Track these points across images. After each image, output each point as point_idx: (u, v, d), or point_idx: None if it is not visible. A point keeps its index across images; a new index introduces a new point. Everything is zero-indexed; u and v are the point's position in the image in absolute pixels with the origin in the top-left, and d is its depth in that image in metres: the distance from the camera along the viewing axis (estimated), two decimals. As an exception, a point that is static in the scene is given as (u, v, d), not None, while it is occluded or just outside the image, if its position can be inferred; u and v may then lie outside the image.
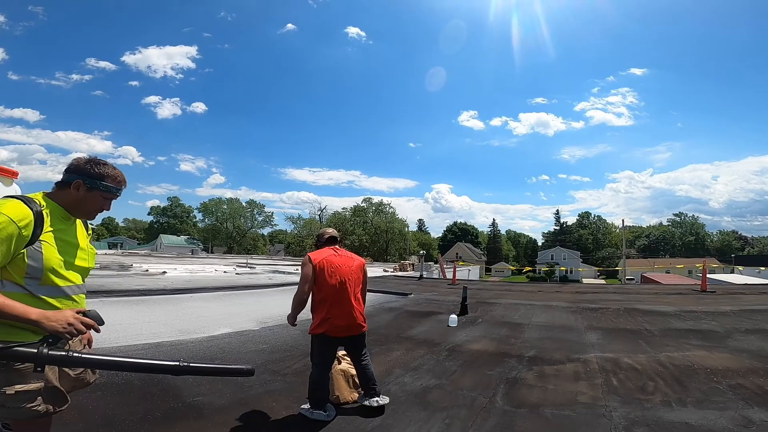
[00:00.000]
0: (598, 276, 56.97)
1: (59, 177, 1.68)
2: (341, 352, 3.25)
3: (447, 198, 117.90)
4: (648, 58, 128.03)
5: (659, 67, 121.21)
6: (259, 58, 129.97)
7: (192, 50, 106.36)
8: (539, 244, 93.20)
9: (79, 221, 1.73)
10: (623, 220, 54.28)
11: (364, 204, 71.27)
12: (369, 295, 10.57)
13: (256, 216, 74.40)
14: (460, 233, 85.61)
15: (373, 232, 65.99)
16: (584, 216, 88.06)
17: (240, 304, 8.58)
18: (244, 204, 73.81)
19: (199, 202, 77.96)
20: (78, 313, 1.50)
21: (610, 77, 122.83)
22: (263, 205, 76.31)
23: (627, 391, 3.35)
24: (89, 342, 1.83)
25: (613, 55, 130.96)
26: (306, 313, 2.98)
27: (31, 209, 1.49)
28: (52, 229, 1.57)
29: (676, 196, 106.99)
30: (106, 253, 32.46)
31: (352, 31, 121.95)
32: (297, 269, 20.71)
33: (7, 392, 1.42)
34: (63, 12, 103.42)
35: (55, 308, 1.52)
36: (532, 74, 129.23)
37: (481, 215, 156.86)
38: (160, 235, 67.23)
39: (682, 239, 78.84)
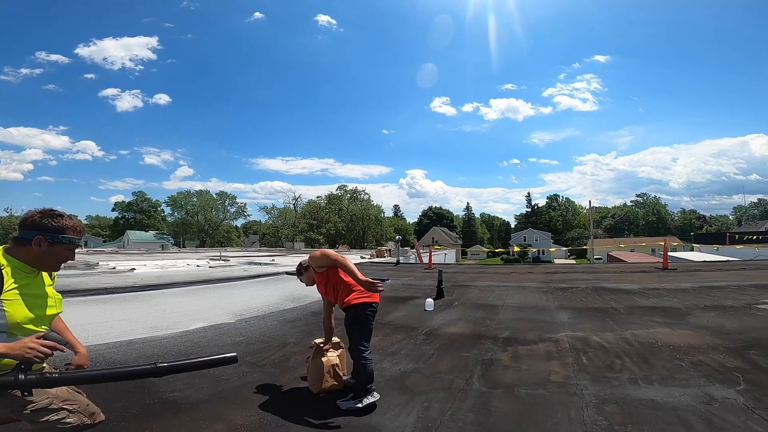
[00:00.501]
0: (569, 256, 59.18)
1: (14, 175, 1.68)
2: (319, 339, 3.28)
3: (422, 183, 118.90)
4: (610, 45, 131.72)
5: (621, 53, 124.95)
6: (225, 47, 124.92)
7: (152, 41, 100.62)
8: (512, 226, 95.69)
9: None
10: (590, 202, 56.21)
11: (338, 191, 70.80)
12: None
13: (228, 207, 72.60)
14: (435, 218, 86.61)
15: (349, 220, 65.83)
16: (553, 198, 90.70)
17: (214, 298, 8.39)
18: (214, 196, 71.76)
19: (167, 195, 75.25)
20: (38, 337, 1.58)
21: (575, 64, 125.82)
22: (235, 196, 74.47)
23: (596, 369, 3.50)
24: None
25: (578, 43, 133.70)
26: (276, 304, 2.94)
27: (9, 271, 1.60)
28: (16, 285, 1.64)
29: (638, 177, 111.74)
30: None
31: (323, 19, 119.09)
32: (273, 260, 20.44)
33: (23, 412, 1.62)
34: (6, 4, 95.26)
35: None
36: (502, 61, 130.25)
37: (456, 199, 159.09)
38: (127, 231, 64.63)
39: (645, 219, 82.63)
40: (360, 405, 2.77)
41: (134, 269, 14.27)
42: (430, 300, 6.70)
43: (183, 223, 67.70)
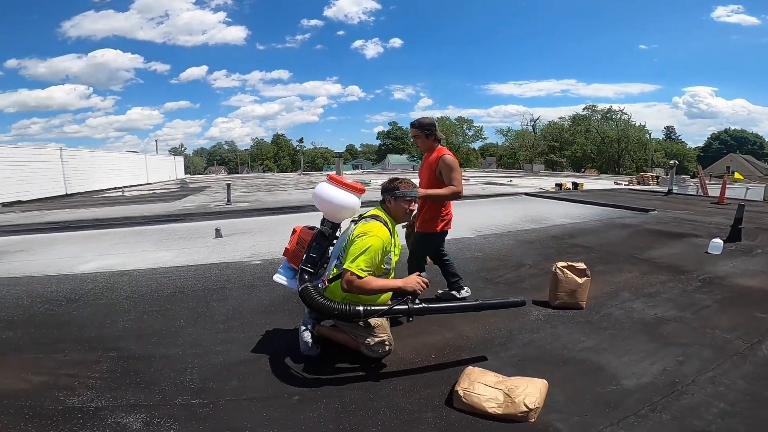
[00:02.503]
0: None
1: (312, 117, 2.50)
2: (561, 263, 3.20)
3: (709, 102, 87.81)
4: None
5: None
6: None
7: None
8: None
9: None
10: None
11: (586, 112, 61.09)
12: (594, 209, 9.51)
13: (466, 131, 75.50)
14: (733, 143, 63.29)
15: (599, 141, 56.54)
16: None
17: (457, 214, 8.99)
18: (453, 121, 75.57)
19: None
20: (417, 275, 2.30)
21: None
22: (472, 120, 76.61)
23: None
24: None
25: None
26: (514, 224, 2.89)
27: (389, 231, 2.31)
28: (393, 240, 2.35)
29: None
30: (352, 173, 40.07)
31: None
32: (510, 181, 20.28)
33: (371, 342, 2.27)
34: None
35: None
36: None
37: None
38: (387, 155, 77.18)
39: None
40: (465, 294, 3.23)
41: (394, 184, 17.21)
42: (717, 240, 5.19)
43: (429, 146, 75.68)
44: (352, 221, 2.50)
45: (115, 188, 21.25)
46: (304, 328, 2.45)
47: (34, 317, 3.21)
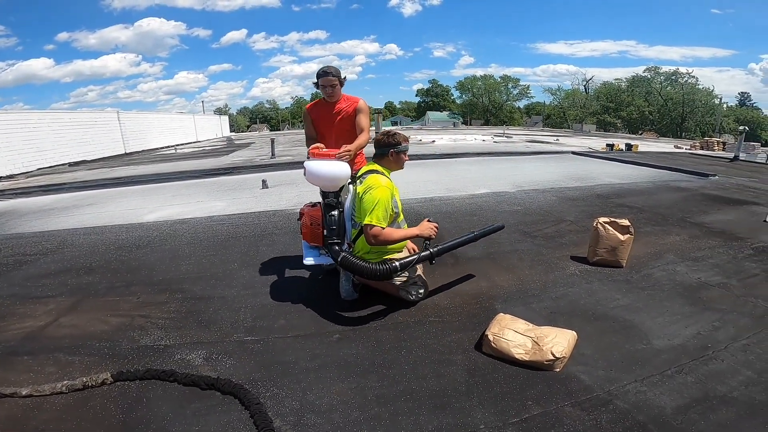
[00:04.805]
0: None
1: (351, 76, 2.51)
2: (603, 219, 3.11)
3: (791, 68, 76.24)
4: None
5: None
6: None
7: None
8: None
9: None
10: None
11: (647, 73, 55.73)
12: (648, 171, 9.02)
13: (511, 90, 72.56)
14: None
15: (661, 104, 51.79)
16: None
17: (497, 169, 9.03)
18: (498, 79, 72.87)
19: (455, 81, 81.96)
20: (428, 221, 2.53)
21: None
22: (518, 79, 73.52)
23: None
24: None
25: None
26: (558, 181, 2.84)
27: (389, 179, 2.45)
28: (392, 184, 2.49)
29: None
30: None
31: None
32: (557, 140, 19.26)
33: (407, 286, 2.51)
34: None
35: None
36: None
37: None
38: (427, 112, 75.24)
39: None
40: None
41: (434, 141, 17.00)
42: (780, 206, 4.81)
43: (470, 104, 73.30)
44: (350, 183, 2.62)
45: (168, 146, 22.42)
46: (344, 275, 2.63)
47: (110, 263, 3.58)
